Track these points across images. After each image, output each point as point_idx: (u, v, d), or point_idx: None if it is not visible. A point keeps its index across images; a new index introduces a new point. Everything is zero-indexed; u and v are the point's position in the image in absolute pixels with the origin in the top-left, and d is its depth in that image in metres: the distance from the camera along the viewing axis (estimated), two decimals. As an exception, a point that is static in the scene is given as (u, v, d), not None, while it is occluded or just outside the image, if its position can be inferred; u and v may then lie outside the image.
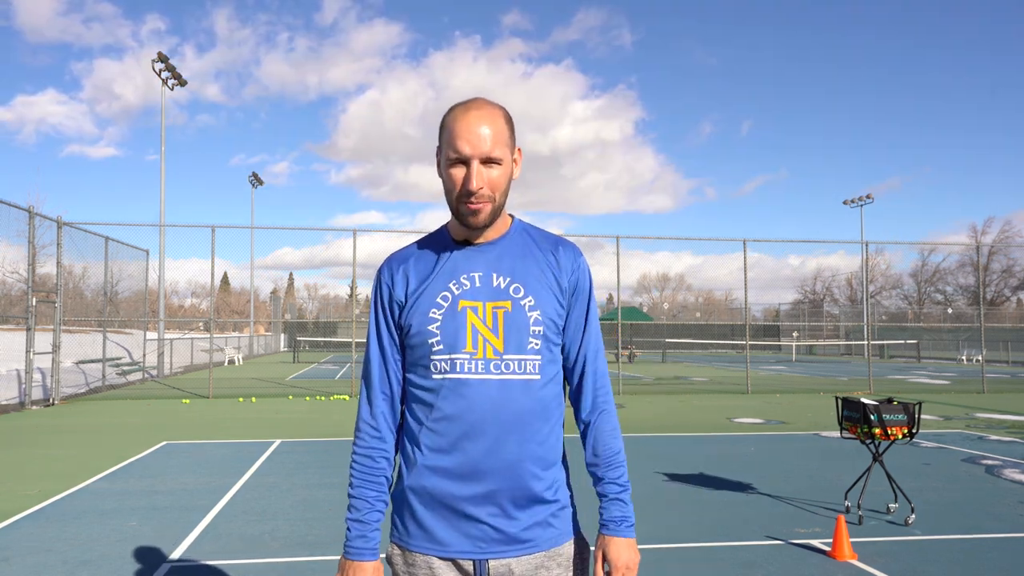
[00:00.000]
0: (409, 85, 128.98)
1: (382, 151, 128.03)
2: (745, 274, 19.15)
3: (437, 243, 1.75)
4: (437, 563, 1.66)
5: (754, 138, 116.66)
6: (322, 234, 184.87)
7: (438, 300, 1.67)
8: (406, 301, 1.70)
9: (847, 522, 5.53)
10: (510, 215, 1.77)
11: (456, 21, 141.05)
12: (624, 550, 1.70)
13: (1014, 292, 62.78)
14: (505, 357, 1.64)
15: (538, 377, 1.66)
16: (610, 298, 58.10)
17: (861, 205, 49.99)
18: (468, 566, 1.66)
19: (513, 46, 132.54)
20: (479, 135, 1.60)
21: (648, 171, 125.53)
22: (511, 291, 1.67)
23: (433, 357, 1.65)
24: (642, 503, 6.28)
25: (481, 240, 1.72)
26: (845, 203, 51.37)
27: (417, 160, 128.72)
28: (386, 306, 1.74)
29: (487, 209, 1.64)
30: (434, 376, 1.65)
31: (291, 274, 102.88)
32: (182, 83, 29.53)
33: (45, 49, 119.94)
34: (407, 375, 1.73)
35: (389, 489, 1.76)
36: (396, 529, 1.73)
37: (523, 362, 1.65)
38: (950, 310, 54.84)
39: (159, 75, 28.63)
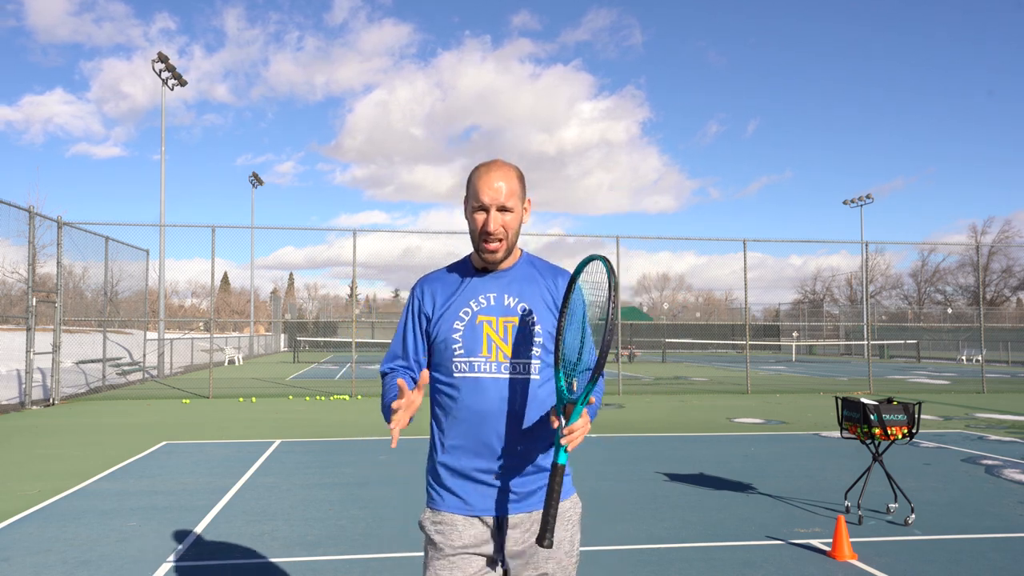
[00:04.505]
0: (417, 85, 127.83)
1: (386, 151, 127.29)
2: (745, 274, 19.15)
3: (462, 270, 2.22)
4: (460, 519, 2.08)
5: (759, 139, 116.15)
6: (324, 234, 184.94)
7: (460, 314, 2.12)
8: (433, 314, 2.16)
9: (847, 522, 5.53)
10: (520, 249, 2.23)
11: (466, 21, 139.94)
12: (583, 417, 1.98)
13: (1014, 292, 62.83)
14: (512, 361, 2.08)
15: (537, 377, 2.10)
16: (610, 298, 57.80)
17: (861, 205, 50.05)
18: (489, 520, 2.08)
19: (522, 46, 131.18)
20: (496, 189, 2.07)
21: (652, 171, 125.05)
22: (519, 309, 2.12)
23: (455, 359, 2.09)
24: (642, 503, 6.29)
25: (496, 269, 2.17)
26: (845, 203, 51.43)
27: (422, 160, 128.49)
28: (416, 314, 2.20)
29: (502, 248, 2.11)
30: (455, 375, 2.09)
31: (291, 274, 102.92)
32: (182, 83, 29.69)
33: (54, 49, 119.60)
34: (434, 373, 2.16)
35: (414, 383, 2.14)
36: (430, 498, 2.14)
37: (526, 365, 2.09)
38: (950, 310, 54.86)
39: (159, 75, 28.80)
